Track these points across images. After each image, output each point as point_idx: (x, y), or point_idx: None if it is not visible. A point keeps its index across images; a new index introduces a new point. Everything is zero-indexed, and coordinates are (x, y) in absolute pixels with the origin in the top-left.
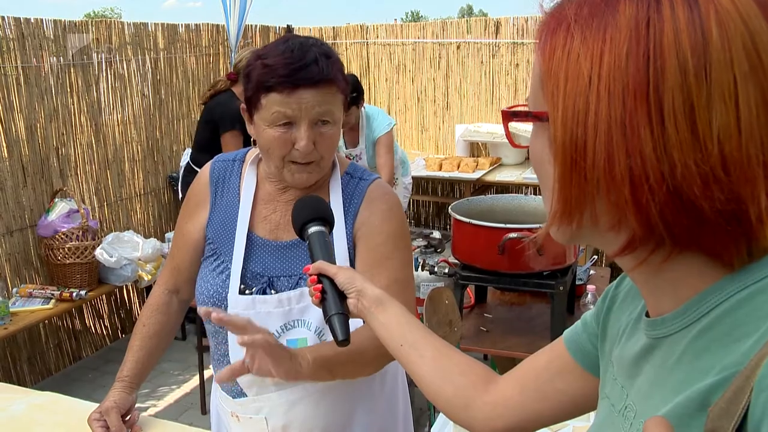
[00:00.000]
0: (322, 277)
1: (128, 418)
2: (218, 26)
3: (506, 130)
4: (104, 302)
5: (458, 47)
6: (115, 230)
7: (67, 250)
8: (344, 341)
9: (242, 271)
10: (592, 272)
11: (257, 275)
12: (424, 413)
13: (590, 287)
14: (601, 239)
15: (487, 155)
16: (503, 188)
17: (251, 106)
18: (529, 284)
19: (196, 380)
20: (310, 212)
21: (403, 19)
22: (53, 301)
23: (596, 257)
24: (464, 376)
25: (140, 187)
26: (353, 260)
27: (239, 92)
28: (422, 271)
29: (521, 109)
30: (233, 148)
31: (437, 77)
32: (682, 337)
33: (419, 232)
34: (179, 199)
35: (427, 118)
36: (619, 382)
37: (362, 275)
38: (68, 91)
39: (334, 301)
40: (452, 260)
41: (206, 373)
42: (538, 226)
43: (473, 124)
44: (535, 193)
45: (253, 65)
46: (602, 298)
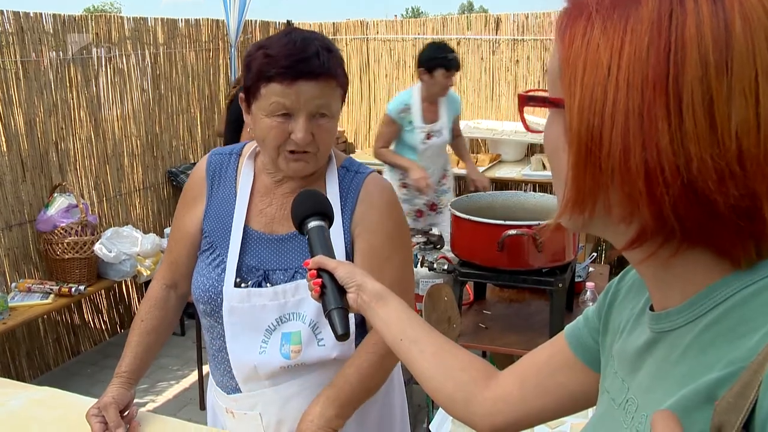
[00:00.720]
0: (321, 271)
1: (126, 413)
2: (218, 21)
3: (521, 113)
4: (103, 297)
5: (458, 43)
6: (114, 225)
7: (66, 245)
8: (343, 335)
9: (238, 264)
10: (591, 269)
11: (253, 268)
12: (422, 409)
13: (589, 284)
14: (611, 230)
15: (486, 152)
16: (503, 185)
17: (250, 95)
18: (528, 281)
19: (194, 376)
20: (310, 207)
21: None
22: (52, 296)
23: (595, 254)
24: (465, 371)
25: (139, 182)
26: (350, 255)
27: None
28: (421, 267)
29: (539, 93)
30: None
31: None
32: (687, 331)
33: (419, 228)
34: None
35: None
36: (619, 375)
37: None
38: (67, 85)
39: (333, 295)
40: (451, 257)
41: (205, 368)
42: (537, 223)
43: (473, 120)
44: (534, 189)
45: (254, 55)
46: (604, 293)
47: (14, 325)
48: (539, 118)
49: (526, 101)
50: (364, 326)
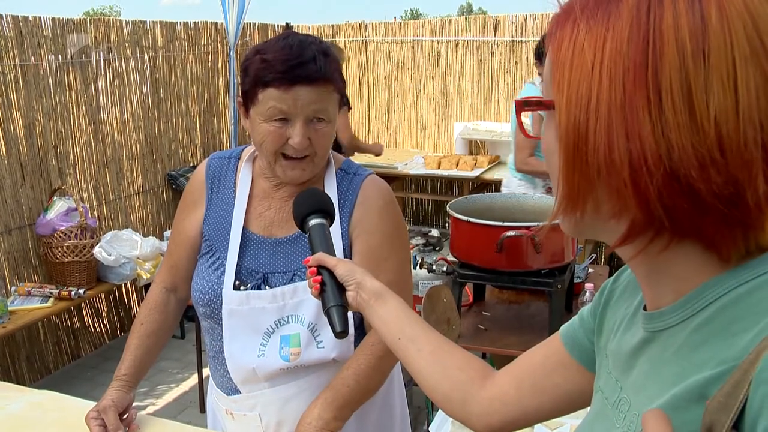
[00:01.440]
0: (321, 269)
1: (126, 416)
2: (217, 24)
3: (519, 119)
4: (103, 301)
5: (457, 45)
6: (113, 228)
7: (65, 248)
8: (342, 333)
9: (237, 267)
10: (590, 270)
11: (252, 271)
12: (422, 411)
13: (588, 285)
14: (603, 229)
15: (485, 153)
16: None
17: (248, 100)
18: (527, 282)
19: (194, 379)
20: (311, 205)
21: (402, 16)
22: (52, 299)
23: (594, 255)
24: (462, 371)
25: (139, 185)
26: (348, 257)
27: None
28: (420, 269)
29: (533, 99)
30: (347, 126)
31: (436, 75)
32: (679, 330)
33: (418, 230)
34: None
35: (425, 116)
36: (613, 375)
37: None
38: (67, 89)
39: (333, 292)
40: (450, 258)
41: (205, 371)
42: (536, 224)
43: (472, 122)
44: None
45: (251, 59)
46: (599, 292)
47: (14, 328)
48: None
49: (522, 106)
50: (363, 327)
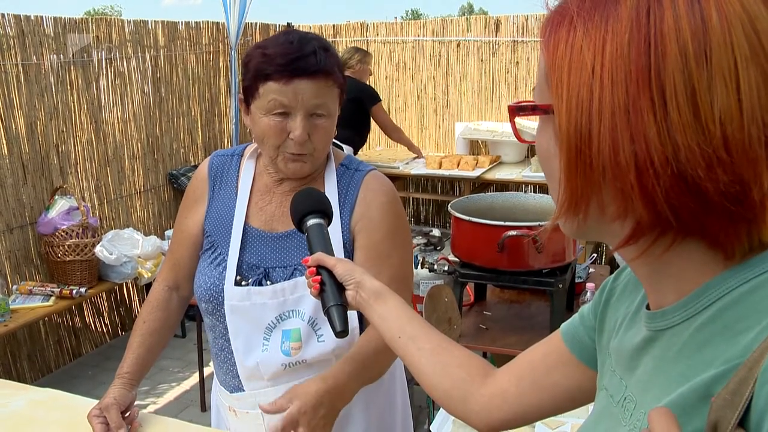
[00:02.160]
0: (320, 268)
1: (128, 414)
2: (218, 24)
3: (513, 125)
4: (104, 299)
5: (458, 45)
6: (115, 227)
7: (67, 247)
8: (342, 332)
9: (239, 262)
10: (591, 270)
11: (253, 266)
12: (423, 410)
13: (589, 285)
14: (606, 230)
15: (486, 153)
16: (503, 186)
17: (248, 94)
18: (528, 282)
19: (195, 377)
20: (309, 205)
21: (403, 17)
22: (53, 298)
23: (595, 255)
24: (462, 369)
25: (140, 184)
26: (349, 253)
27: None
28: (422, 268)
29: (527, 103)
30: (386, 116)
31: (437, 75)
32: (683, 329)
33: (419, 230)
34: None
35: (427, 116)
36: (617, 373)
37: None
38: (68, 88)
39: (332, 292)
40: (452, 258)
41: (206, 370)
42: (537, 224)
43: (473, 122)
44: (534, 191)
45: (252, 54)
46: (600, 290)
47: (15, 327)
48: (534, 122)
49: (516, 112)
50: (363, 327)
